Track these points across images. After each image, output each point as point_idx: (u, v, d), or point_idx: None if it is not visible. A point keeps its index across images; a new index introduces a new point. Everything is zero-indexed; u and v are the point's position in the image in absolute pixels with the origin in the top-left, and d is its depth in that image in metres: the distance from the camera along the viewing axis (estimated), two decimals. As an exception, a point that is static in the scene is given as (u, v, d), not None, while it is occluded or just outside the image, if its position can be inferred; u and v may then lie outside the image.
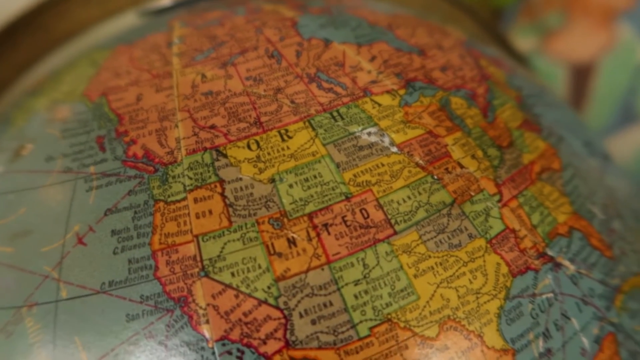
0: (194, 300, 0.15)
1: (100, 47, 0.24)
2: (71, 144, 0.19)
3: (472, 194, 0.18)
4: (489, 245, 0.17)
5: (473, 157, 0.19)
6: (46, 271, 0.17)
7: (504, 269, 0.17)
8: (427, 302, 0.16)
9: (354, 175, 0.17)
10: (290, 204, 0.16)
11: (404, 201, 0.17)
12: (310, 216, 0.16)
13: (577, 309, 0.18)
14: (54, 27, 0.27)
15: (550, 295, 0.17)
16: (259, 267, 0.16)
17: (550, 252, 0.18)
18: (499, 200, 0.18)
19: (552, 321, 0.17)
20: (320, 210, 0.16)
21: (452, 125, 0.19)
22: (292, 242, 0.16)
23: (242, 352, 0.15)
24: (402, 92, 0.19)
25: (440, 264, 0.16)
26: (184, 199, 0.17)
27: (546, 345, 0.17)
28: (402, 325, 0.15)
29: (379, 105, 0.19)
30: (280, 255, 0.16)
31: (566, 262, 0.18)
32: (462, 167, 0.18)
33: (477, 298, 0.16)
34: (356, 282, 0.16)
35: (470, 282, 0.16)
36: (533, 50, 0.49)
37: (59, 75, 0.23)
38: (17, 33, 0.26)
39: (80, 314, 0.16)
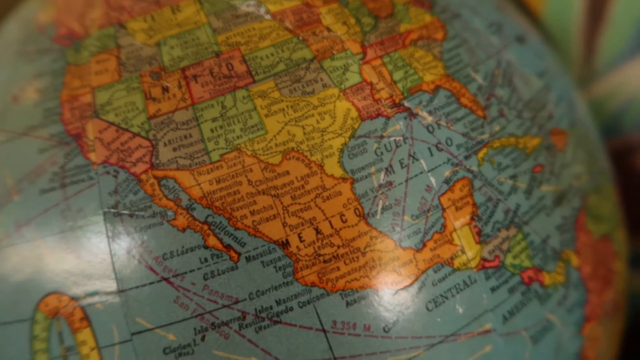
0: (86, 135, 0.19)
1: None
2: (23, 34, 0.23)
3: (334, 52, 0.20)
4: (342, 94, 0.19)
5: (344, 23, 0.21)
6: (-9, 124, 0.21)
7: (354, 114, 0.19)
8: (274, 136, 0.18)
9: (227, 38, 0.20)
10: (169, 61, 0.20)
11: (267, 57, 0.19)
12: (184, 70, 0.19)
13: (429, 152, 0.19)
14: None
15: (399, 138, 0.19)
16: (137, 109, 0.19)
17: (407, 104, 0.20)
18: (362, 59, 0.20)
19: (398, 160, 0.19)
20: (193, 65, 0.19)
21: (331, -2, 0.21)
22: (165, 89, 0.19)
23: (117, 172, 0.18)
24: (289, -27, 0.22)
25: (291, 107, 0.19)
26: (89, 61, 0.20)
27: (387, 179, 0.19)
28: (249, 153, 0.18)
29: (264, -16, 0.21)
30: (154, 99, 0.19)
31: (424, 114, 0.20)
32: (330, 31, 0.20)
33: (322, 135, 0.19)
34: (214, 119, 0.19)
35: (318, 122, 0.19)
36: (550, -22, 0.48)
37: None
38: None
39: (9, 152, 0.20)
